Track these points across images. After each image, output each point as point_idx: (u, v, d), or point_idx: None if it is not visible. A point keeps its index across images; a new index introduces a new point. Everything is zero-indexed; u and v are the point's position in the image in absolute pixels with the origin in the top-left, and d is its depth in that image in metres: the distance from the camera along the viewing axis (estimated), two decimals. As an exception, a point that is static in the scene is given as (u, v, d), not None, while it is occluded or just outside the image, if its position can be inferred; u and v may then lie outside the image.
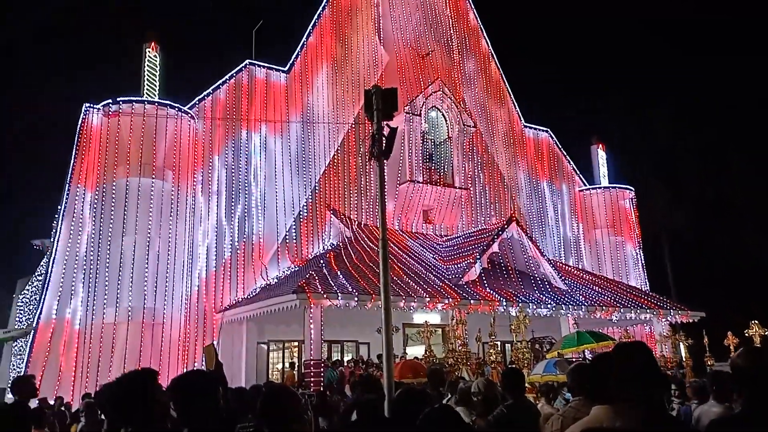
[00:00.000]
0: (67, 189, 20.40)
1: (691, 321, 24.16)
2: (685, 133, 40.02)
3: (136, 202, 19.78)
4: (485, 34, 32.02)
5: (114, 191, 19.81)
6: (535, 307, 20.34)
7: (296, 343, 20.75)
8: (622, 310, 22.46)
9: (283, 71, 25.09)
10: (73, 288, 19.56)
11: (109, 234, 19.44)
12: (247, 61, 24.33)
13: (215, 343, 19.39)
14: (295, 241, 23.42)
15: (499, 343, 18.65)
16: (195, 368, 19.07)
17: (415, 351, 20.02)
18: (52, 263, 19.77)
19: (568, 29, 67.23)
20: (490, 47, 32.03)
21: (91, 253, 19.63)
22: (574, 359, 15.10)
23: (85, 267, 19.67)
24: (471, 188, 28.17)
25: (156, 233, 19.84)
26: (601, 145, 32.50)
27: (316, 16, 26.73)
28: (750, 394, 3.05)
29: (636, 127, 40.36)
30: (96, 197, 20.08)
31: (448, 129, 28.08)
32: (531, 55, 58.73)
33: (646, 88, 58.60)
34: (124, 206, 19.66)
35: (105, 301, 18.92)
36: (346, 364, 18.99)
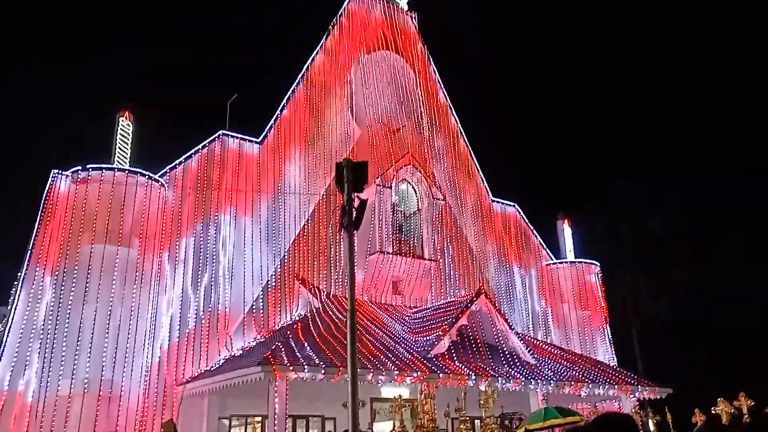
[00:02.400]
0: (28, 254, 19.92)
1: (658, 397, 24.13)
2: (652, 208, 41.31)
3: (100, 269, 19.36)
4: (454, 112, 33.15)
5: (77, 258, 19.40)
6: (504, 381, 20.15)
7: (259, 419, 20.03)
8: (590, 386, 22.36)
9: (256, 142, 25.44)
10: (28, 358, 18.74)
11: (70, 302, 18.88)
12: (220, 132, 24.64)
13: (174, 418, 18.64)
14: (262, 311, 23.05)
15: (468, 418, 18.35)
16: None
17: (383, 427, 19.48)
18: (8, 332, 19.00)
19: (536, 105, 70.07)
20: (459, 124, 33.09)
21: (50, 322, 18.95)
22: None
23: (42, 336, 18.95)
24: (440, 260, 28.37)
25: (118, 302, 19.34)
26: (566, 220, 33.26)
27: (290, 91, 27.42)
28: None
29: (600, 203, 41.56)
30: (58, 264, 19.60)
31: (418, 201, 28.53)
32: (498, 130, 60.84)
33: (609, 163, 60.87)
34: (87, 274, 19.21)
35: (60, 373, 18.14)
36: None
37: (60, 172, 20.89)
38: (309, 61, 28.54)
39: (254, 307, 22.92)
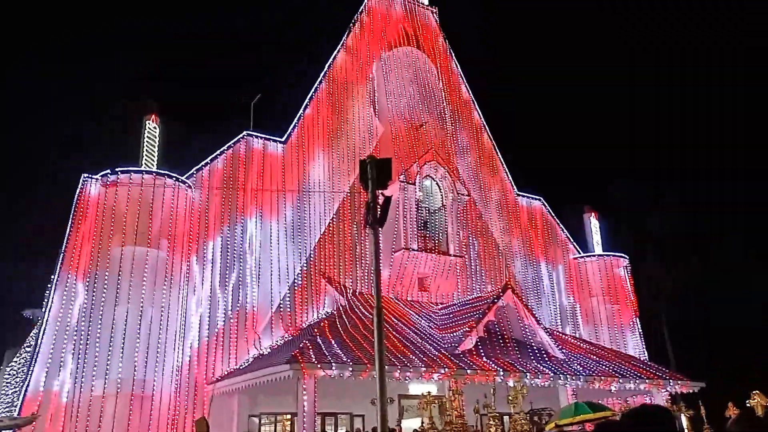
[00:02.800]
0: (61, 258, 20.35)
1: (691, 391, 23.74)
2: (678, 199, 40.55)
3: (130, 271, 19.72)
4: (477, 107, 32.94)
5: (108, 260, 19.79)
6: (532, 377, 20.00)
7: (289, 416, 20.21)
8: (621, 381, 22.09)
9: (280, 142, 25.60)
10: (62, 359, 19.19)
11: (102, 304, 19.27)
12: (245, 132, 24.86)
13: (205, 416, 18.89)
14: (289, 309, 23.23)
15: (497, 414, 18.26)
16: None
17: (411, 424, 19.50)
18: (42, 333, 19.47)
19: (559, 99, 69.31)
20: (482, 119, 32.87)
21: (83, 324, 19.37)
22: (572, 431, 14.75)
23: (75, 338, 19.37)
24: (466, 256, 28.23)
25: (149, 302, 19.68)
26: (593, 214, 32.85)
27: (313, 90, 27.53)
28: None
29: (629, 195, 40.87)
30: (90, 266, 20.01)
31: (442, 197, 28.44)
32: (523, 123, 60.32)
33: (636, 156, 59.98)
34: (118, 275, 19.59)
35: (94, 373, 18.53)
36: (340, 437, 18.45)
37: (90, 176, 21.30)
38: (331, 60, 28.62)
39: (281, 305, 23.11)
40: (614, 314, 30.51)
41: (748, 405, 17.84)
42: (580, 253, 32.43)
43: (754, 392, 18.75)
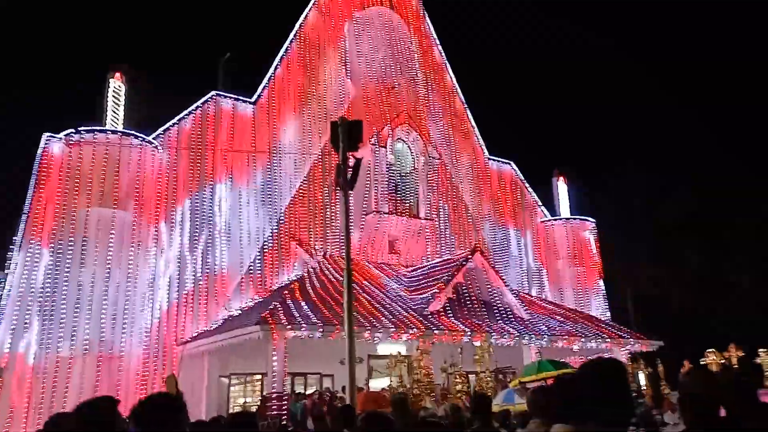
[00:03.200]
0: (24, 219, 19.92)
1: (650, 350, 24.62)
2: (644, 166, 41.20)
3: (96, 233, 19.42)
4: (449, 70, 32.75)
5: (74, 222, 19.43)
6: (498, 336, 20.49)
7: (258, 377, 20.41)
8: (583, 340, 22.77)
9: (250, 102, 25.19)
10: (27, 322, 18.95)
11: (68, 265, 19.00)
12: (213, 92, 24.37)
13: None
14: (259, 272, 23.24)
15: (464, 373, 18.74)
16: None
17: (380, 383, 19.90)
18: (6, 297, 19.17)
19: (533, 65, 69.29)
20: (455, 82, 32.74)
21: (48, 286, 19.11)
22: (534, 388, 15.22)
23: (40, 300, 19.11)
24: (436, 219, 28.46)
25: (116, 264, 19.47)
26: (562, 177, 33.24)
27: (283, 49, 27.01)
28: (694, 411, 3.19)
29: (598, 159, 41.39)
30: (55, 228, 19.64)
31: (413, 161, 28.46)
32: (495, 88, 60.27)
33: (605, 120, 60.62)
34: (84, 237, 19.28)
35: (60, 335, 18.39)
36: (309, 396, 18.75)
37: (52, 135, 20.72)
38: (302, 18, 28.05)
39: (251, 268, 23.10)
40: (579, 276, 31.21)
41: (701, 363, 18.67)
42: (548, 217, 32.92)
43: (708, 350, 19.61)
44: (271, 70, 26.41)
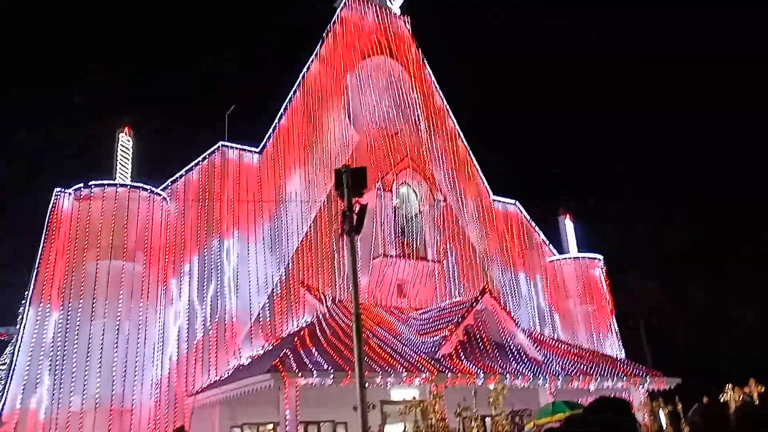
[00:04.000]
0: (34, 273, 20.09)
1: (667, 388, 24.15)
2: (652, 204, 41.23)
3: (106, 285, 19.55)
4: (451, 113, 33.26)
5: (83, 275, 19.59)
6: (512, 378, 20.22)
7: (271, 426, 20.11)
8: (599, 379, 22.41)
9: (255, 152, 25.60)
10: (38, 376, 18.90)
11: (78, 319, 19.06)
12: (220, 143, 24.81)
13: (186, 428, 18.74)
14: (269, 319, 23.18)
15: (479, 416, 18.42)
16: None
17: (395, 429, 19.55)
18: (18, 351, 19.17)
19: (533, 104, 70.27)
20: (456, 125, 33.20)
21: (59, 340, 19.13)
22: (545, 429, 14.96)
23: (51, 354, 19.11)
24: (444, 261, 28.44)
25: (126, 316, 19.52)
26: (568, 215, 33.30)
27: (287, 100, 27.60)
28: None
29: (604, 198, 41.46)
30: (65, 282, 19.78)
31: (419, 204, 28.64)
32: (497, 129, 61.03)
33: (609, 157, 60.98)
34: (94, 290, 19.40)
35: (72, 389, 18.30)
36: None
37: (63, 190, 21.08)
38: (305, 70, 28.72)
39: (261, 315, 23.05)
40: (591, 314, 30.91)
41: (721, 399, 18.27)
42: (556, 255, 32.83)
43: (727, 386, 19.22)
44: (276, 120, 26.93)
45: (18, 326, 20.27)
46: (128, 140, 22.46)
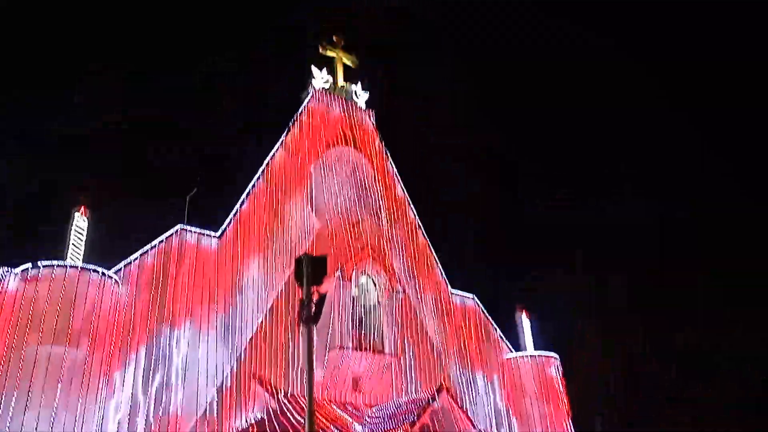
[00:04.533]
0: (-32, 358, 18.84)
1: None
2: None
3: (45, 372, 18.43)
4: (412, 206, 33.82)
5: (22, 361, 18.46)
6: (468, 483, 19.47)
7: None
8: (556, 484, 21.78)
9: (215, 236, 25.31)
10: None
11: (11, 408, 17.76)
12: (178, 226, 24.49)
13: None
14: (215, 414, 22.05)
15: None
16: None
17: None
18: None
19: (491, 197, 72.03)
20: (417, 217, 33.69)
21: (-13, 430, 17.72)
22: None
23: (-23, 447, 17.63)
24: (401, 355, 27.94)
25: (63, 407, 18.31)
26: (524, 312, 33.44)
27: (250, 185, 27.70)
28: None
29: (559, 294, 41.92)
30: (1, 367, 18.57)
31: (378, 294, 28.43)
32: (454, 222, 61.98)
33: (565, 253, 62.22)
34: (31, 377, 18.25)
35: (-5, 488, 16.78)
36: None
37: (9, 270, 20.24)
38: (269, 157, 29.06)
39: (208, 410, 21.93)
40: (547, 415, 30.43)
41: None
42: (513, 352, 32.65)
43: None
44: (238, 205, 26.87)
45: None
46: (84, 220, 21.96)
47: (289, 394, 23.24)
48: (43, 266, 20.08)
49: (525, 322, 33.13)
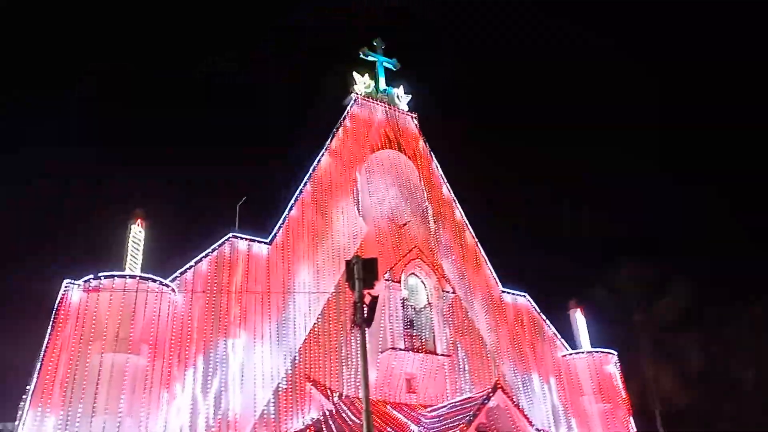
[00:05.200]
0: (38, 367, 19.69)
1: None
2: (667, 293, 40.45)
3: (109, 379, 19.08)
4: (458, 206, 33.65)
5: (87, 369, 19.18)
6: (528, 482, 19.21)
7: None
8: (620, 483, 21.27)
9: (265, 243, 25.76)
10: (37, 476, 18.09)
11: (79, 414, 18.46)
12: (230, 234, 25.03)
13: None
14: (273, 416, 22.43)
15: None
16: None
17: None
18: (15, 449, 18.48)
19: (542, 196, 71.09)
20: (464, 217, 33.49)
21: (58, 436, 18.45)
22: None
23: (51, 452, 18.37)
24: (453, 355, 27.80)
25: (127, 413, 18.92)
26: (579, 309, 32.80)
27: (298, 192, 28.10)
28: None
29: (615, 291, 40.70)
30: (68, 376, 19.32)
31: (427, 296, 28.39)
32: (505, 220, 61.38)
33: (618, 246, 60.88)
34: (96, 384, 18.93)
35: (68, 490, 17.45)
36: None
37: (72, 282, 21.05)
38: (315, 163, 29.43)
39: (265, 411, 22.33)
40: (607, 413, 29.74)
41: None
42: (568, 350, 32.07)
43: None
44: (286, 211, 27.28)
45: (17, 422, 19.67)
46: (140, 231, 22.66)
47: (343, 395, 23.43)
48: (104, 277, 20.80)
49: (580, 319, 32.50)
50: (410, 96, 35.22)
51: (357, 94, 32.88)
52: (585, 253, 61.74)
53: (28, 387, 19.69)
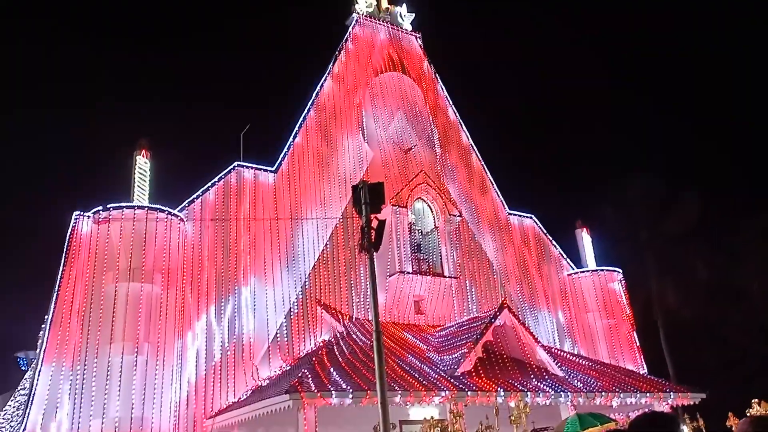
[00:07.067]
0: (54, 298, 20.17)
1: (692, 403, 23.70)
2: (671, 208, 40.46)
3: (125, 307, 19.57)
4: (464, 128, 33.23)
5: (102, 298, 19.65)
6: (533, 395, 19.93)
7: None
8: (621, 395, 22.04)
9: (271, 171, 25.69)
10: (58, 400, 18.91)
11: (97, 342, 19.08)
12: (235, 163, 24.94)
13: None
14: (286, 339, 23.10)
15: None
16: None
17: (414, 449, 19.32)
18: (38, 375, 19.22)
19: (545, 113, 70.13)
20: (470, 140, 33.15)
21: (78, 364, 19.15)
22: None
23: (71, 378, 19.13)
24: (460, 277, 28.26)
25: (144, 339, 19.52)
26: (585, 228, 33.01)
27: (302, 118, 27.72)
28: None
29: (620, 209, 40.73)
30: (84, 305, 19.84)
31: (434, 219, 28.54)
32: (510, 141, 60.91)
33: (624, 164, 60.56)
34: (113, 312, 19.44)
35: (91, 413, 18.27)
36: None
37: (81, 213, 21.21)
38: (318, 88, 28.87)
39: (278, 335, 22.99)
40: (611, 329, 30.51)
41: (748, 414, 17.85)
42: (574, 269, 32.51)
43: (753, 401, 18.82)
44: (291, 138, 27.02)
45: (38, 350, 20.35)
46: (146, 161, 22.59)
47: (353, 318, 24.01)
48: (113, 208, 20.94)
49: (586, 239, 32.76)
50: (413, 15, 34.08)
51: (358, 13, 31.82)
52: (591, 171, 61.58)
53: (46, 317, 20.25)
